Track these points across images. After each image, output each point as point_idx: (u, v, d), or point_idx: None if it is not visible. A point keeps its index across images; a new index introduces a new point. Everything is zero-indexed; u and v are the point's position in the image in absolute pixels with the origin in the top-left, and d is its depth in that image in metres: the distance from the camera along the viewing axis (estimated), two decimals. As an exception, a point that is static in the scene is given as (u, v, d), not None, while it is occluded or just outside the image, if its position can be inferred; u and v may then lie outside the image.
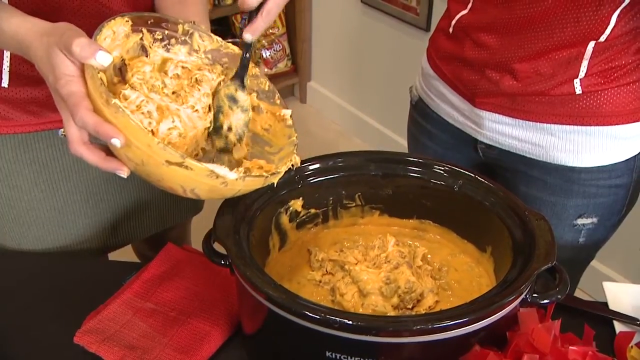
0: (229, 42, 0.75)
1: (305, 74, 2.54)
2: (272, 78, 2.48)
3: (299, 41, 2.45)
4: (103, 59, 0.59)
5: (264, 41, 2.38)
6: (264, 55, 2.40)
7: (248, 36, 0.67)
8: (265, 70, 2.42)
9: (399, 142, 2.18)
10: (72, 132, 0.61)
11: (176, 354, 0.71)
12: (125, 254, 1.09)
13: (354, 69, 2.34)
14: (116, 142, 0.58)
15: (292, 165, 0.68)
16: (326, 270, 0.73)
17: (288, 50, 2.48)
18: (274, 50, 2.42)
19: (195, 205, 1.09)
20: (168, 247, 0.84)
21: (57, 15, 0.77)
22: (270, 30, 2.39)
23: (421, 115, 1.01)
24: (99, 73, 0.59)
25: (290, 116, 0.73)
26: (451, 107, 0.94)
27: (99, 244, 0.98)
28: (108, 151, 0.62)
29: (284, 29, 2.44)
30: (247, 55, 0.70)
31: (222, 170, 0.59)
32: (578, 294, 1.03)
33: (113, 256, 1.06)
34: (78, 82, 0.60)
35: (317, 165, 0.76)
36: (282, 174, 0.67)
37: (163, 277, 0.80)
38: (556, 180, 0.88)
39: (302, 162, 0.75)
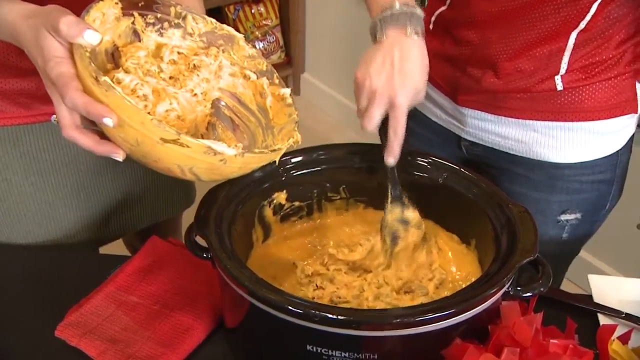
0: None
1: (299, 65, 2.53)
2: (266, 70, 2.46)
3: (293, 33, 2.44)
4: (91, 38, 0.58)
5: (257, 32, 2.37)
6: (257, 47, 2.38)
7: (390, 160, 0.71)
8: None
9: (393, 135, 2.17)
10: (64, 115, 0.60)
11: (158, 348, 0.70)
12: (117, 247, 1.09)
13: (348, 60, 2.33)
14: (108, 122, 0.56)
15: (294, 142, 0.67)
16: (316, 285, 0.71)
17: (282, 42, 2.47)
18: (267, 41, 2.40)
19: (186, 198, 1.08)
20: (152, 240, 0.84)
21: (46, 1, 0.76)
22: (264, 22, 2.37)
23: None
24: (87, 53, 0.58)
25: (290, 95, 0.72)
26: (434, 104, 0.94)
27: (90, 237, 0.98)
28: (102, 136, 0.61)
29: (278, 21, 2.42)
30: (396, 177, 0.72)
31: (219, 146, 0.58)
32: (570, 286, 1.02)
33: (104, 249, 1.06)
34: (67, 63, 0.59)
35: (299, 158, 0.75)
36: (283, 150, 0.66)
37: (147, 270, 0.80)
38: (539, 176, 0.88)
39: (286, 154, 0.74)
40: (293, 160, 0.75)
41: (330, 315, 0.57)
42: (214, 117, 0.71)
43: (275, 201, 0.76)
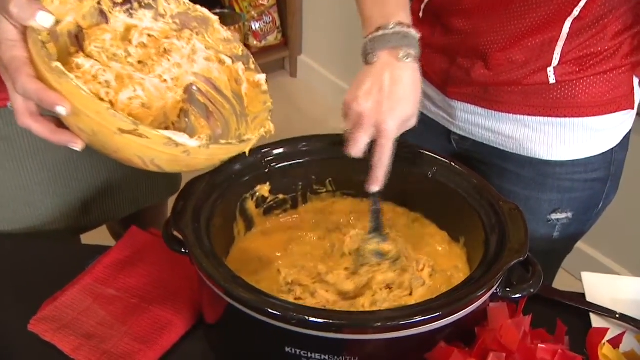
0: (216, 12, 0.71)
1: (296, 47, 2.48)
2: (262, 51, 2.42)
3: (290, 13, 2.39)
4: (44, 20, 0.55)
5: (253, 12, 2.32)
6: (253, 28, 2.34)
7: (373, 189, 0.68)
8: (255, 43, 2.35)
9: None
10: (18, 102, 0.58)
11: (135, 344, 0.68)
12: (100, 234, 1.07)
13: (346, 42, 2.28)
14: (61, 110, 0.54)
15: (265, 132, 0.64)
16: (296, 297, 0.68)
17: (278, 23, 2.42)
18: (263, 22, 2.36)
19: (172, 185, 1.06)
20: (132, 231, 0.81)
21: None
22: (260, 1, 2.32)
23: None
24: (40, 37, 0.55)
25: (266, 81, 0.69)
26: (424, 96, 0.90)
27: (70, 225, 0.95)
28: (61, 124, 0.59)
29: (274, 0, 2.37)
30: (377, 206, 0.69)
31: (180, 137, 0.55)
32: (569, 279, 1.00)
33: (87, 237, 1.03)
34: (20, 47, 0.56)
35: (282, 150, 0.73)
36: (253, 141, 0.62)
37: (126, 262, 0.77)
38: (530, 173, 0.85)
39: (267, 145, 0.72)
40: (275, 151, 0.73)
41: (309, 319, 0.55)
42: (187, 104, 0.68)
43: (258, 194, 0.73)
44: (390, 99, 0.65)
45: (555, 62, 0.76)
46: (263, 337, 0.60)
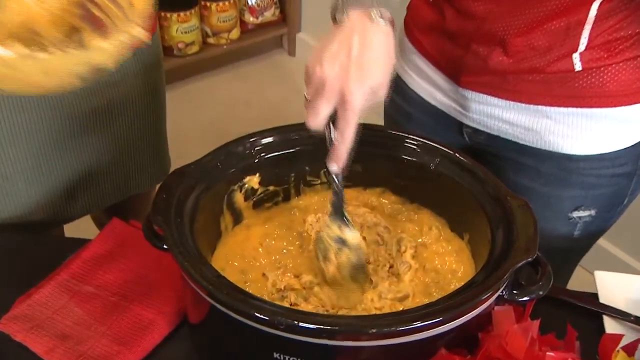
0: None
1: (295, 24, 2.41)
2: (258, 28, 2.35)
3: (288, -12, 2.32)
4: None
5: (250, -13, 2.24)
6: (250, 3, 2.26)
7: (334, 167, 0.61)
8: (251, 19, 2.28)
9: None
10: None
11: (113, 345, 0.64)
12: (85, 224, 1.03)
13: (346, 20, 2.22)
14: None
15: (129, 39, 0.54)
16: (291, 302, 0.63)
17: (276, -2, 2.35)
18: (260, -4, 2.28)
19: (161, 172, 1.01)
20: (113, 223, 0.77)
21: None
22: (257, -25, 2.24)
23: (399, 95, 0.90)
24: None
25: None
26: (433, 86, 0.85)
27: (54, 214, 0.91)
28: None
29: (272, -25, 2.30)
30: (339, 186, 0.63)
31: None
32: (587, 276, 0.93)
33: (70, 227, 0.99)
34: None
35: (271, 139, 0.68)
36: (108, 50, 0.53)
37: (105, 256, 0.73)
38: (551, 169, 0.79)
39: (256, 134, 0.67)
40: (265, 140, 0.68)
41: (298, 324, 0.51)
42: (77, 19, 0.59)
43: (246, 185, 0.69)
44: (358, 65, 0.59)
45: (582, 47, 0.70)
46: (250, 342, 0.56)
